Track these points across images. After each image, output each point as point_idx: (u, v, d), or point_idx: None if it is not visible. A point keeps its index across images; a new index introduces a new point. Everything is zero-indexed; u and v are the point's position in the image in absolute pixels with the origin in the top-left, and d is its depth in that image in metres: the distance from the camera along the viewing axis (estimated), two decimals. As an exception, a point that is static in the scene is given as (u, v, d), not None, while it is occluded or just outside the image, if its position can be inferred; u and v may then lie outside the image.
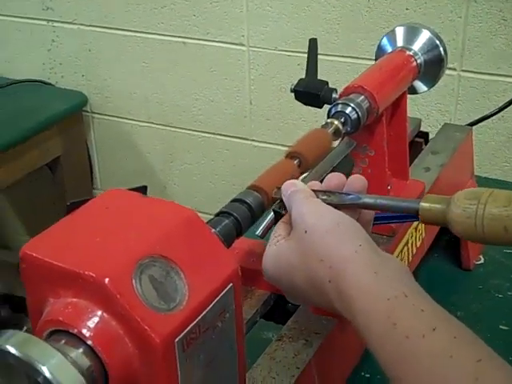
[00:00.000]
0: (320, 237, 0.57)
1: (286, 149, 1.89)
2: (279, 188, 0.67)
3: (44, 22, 1.94)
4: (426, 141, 1.20)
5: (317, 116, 1.69)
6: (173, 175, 1.98)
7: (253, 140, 1.83)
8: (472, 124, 1.29)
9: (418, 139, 1.20)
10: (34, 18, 1.95)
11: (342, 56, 1.62)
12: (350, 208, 0.63)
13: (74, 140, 1.96)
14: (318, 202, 0.62)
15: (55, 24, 1.93)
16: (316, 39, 0.98)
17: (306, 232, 0.58)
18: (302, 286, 0.59)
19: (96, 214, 0.54)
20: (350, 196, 0.64)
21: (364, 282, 0.53)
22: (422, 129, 1.22)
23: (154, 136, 1.95)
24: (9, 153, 1.74)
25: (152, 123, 1.94)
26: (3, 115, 1.82)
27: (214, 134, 1.87)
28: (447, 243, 1.21)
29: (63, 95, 1.96)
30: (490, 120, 1.36)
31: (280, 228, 0.64)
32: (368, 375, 0.94)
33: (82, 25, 1.90)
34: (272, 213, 0.73)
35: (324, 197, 0.64)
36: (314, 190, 0.65)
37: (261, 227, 0.79)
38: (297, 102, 1.72)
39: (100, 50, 1.91)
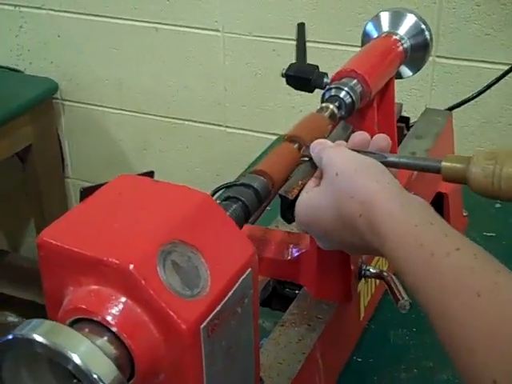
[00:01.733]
0: (350, 176, 0.62)
1: (261, 135, 1.89)
2: (308, 146, 0.70)
3: (11, 8, 1.89)
4: (407, 125, 1.21)
5: (293, 102, 1.69)
6: (146, 162, 1.95)
7: (227, 126, 1.82)
8: (450, 109, 1.30)
9: (399, 124, 1.21)
10: (1, 2, 1.90)
11: (317, 42, 1.62)
12: None
13: (45, 128, 1.92)
14: (346, 149, 0.67)
15: (23, 9, 1.88)
16: (304, 24, 0.98)
17: (336, 175, 0.63)
18: (332, 226, 0.63)
19: (111, 199, 0.53)
20: (375, 154, 0.67)
21: (393, 212, 0.58)
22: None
23: (127, 123, 1.93)
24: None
25: (124, 110, 1.91)
26: (-29, 103, 1.78)
27: (187, 120, 1.85)
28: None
29: (32, 82, 1.91)
30: (464, 105, 1.37)
31: (311, 182, 0.68)
32: (360, 359, 0.95)
33: (50, 10, 1.86)
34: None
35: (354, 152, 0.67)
36: None
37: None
38: (272, 88, 1.73)
39: (70, 35, 1.87)
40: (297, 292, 0.79)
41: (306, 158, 0.71)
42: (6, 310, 2.20)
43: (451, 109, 1.31)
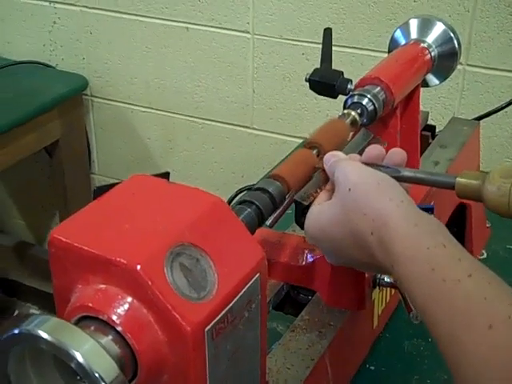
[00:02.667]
0: (363, 193, 0.60)
1: (287, 139, 1.89)
2: (321, 158, 0.69)
3: (46, 3, 1.92)
4: (433, 134, 1.20)
5: (320, 106, 1.69)
6: (172, 162, 1.97)
7: (254, 128, 1.82)
8: (478, 119, 1.29)
9: (424, 132, 1.20)
10: (36, -2, 1.93)
11: (347, 47, 1.62)
12: None
13: (74, 124, 1.94)
14: (359, 163, 0.66)
15: (57, 5, 1.91)
16: (331, 29, 0.97)
17: (349, 190, 0.61)
18: (343, 241, 0.62)
19: (123, 199, 0.53)
20: (390, 169, 0.66)
21: (405, 232, 0.56)
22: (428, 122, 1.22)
23: (154, 122, 1.94)
24: (7, 135, 1.72)
25: (152, 109, 1.92)
26: (2, 97, 1.80)
27: (214, 121, 1.86)
28: (451, 237, 1.21)
29: (63, 78, 1.93)
30: (493, 115, 1.36)
31: (322, 194, 0.67)
32: (373, 367, 0.94)
33: (84, 7, 1.88)
34: (284, 203, 0.72)
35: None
36: None
37: (271, 217, 0.78)
38: (300, 91, 1.73)
39: (101, 33, 1.89)
40: (310, 298, 0.79)
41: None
42: (28, 302, 2.24)
43: (480, 118, 1.30)
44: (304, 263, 0.77)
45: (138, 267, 0.46)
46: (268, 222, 0.79)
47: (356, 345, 0.79)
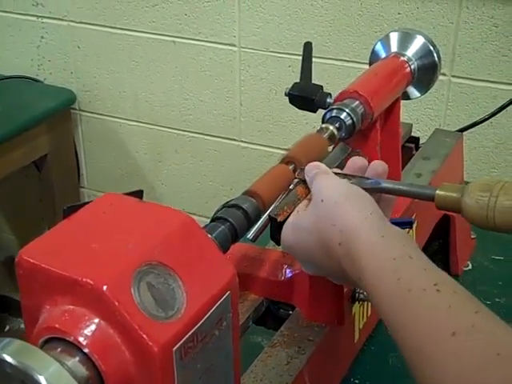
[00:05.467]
0: (334, 204, 0.62)
1: (275, 151, 1.89)
2: (302, 169, 0.71)
3: (34, 18, 1.92)
4: (417, 146, 1.20)
5: (307, 118, 1.70)
6: (160, 175, 1.97)
7: (242, 141, 1.82)
8: (463, 130, 1.29)
9: (408, 144, 1.20)
10: (24, 13, 1.92)
11: (333, 59, 1.62)
12: (369, 191, 0.66)
13: (62, 138, 1.94)
14: (335, 177, 0.68)
15: (45, 20, 1.91)
16: (311, 43, 0.98)
17: (322, 201, 0.63)
18: (314, 251, 0.64)
19: (93, 218, 0.53)
20: (370, 180, 0.68)
21: (371, 244, 0.57)
22: (411, 134, 1.23)
23: (142, 135, 1.94)
24: (-4, 150, 1.72)
25: (140, 122, 1.92)
26: (-10, 111, 1.80)
27: (202, 134, 1.86)
28: (436, 249, 1.21)
29: (51, 92, 1.93)
30: (478, 126, 1.36)
31: (302, 203, 0.68)
32: (357, 381, 0.94)
33: (71, 21, 1.88)
34: (263, 217, 0.72)
35: (345, 180, 0.68)
36: (335, 173, 0.70)
37: (252, 231, 0.78)
38: (287, 104, 1.72)
39: (89, 47, 1.90)
40: (290, 313, 0.79)
41: (300, 179, 0.71)
42: (20, 317, 2.23)
43: (465, 129, 1.30)
44: (283, 278, 0.77)
45: (105, 288, 0.46)
46: (250, 237, 0.79)
47: (336, 360, 0.79)
